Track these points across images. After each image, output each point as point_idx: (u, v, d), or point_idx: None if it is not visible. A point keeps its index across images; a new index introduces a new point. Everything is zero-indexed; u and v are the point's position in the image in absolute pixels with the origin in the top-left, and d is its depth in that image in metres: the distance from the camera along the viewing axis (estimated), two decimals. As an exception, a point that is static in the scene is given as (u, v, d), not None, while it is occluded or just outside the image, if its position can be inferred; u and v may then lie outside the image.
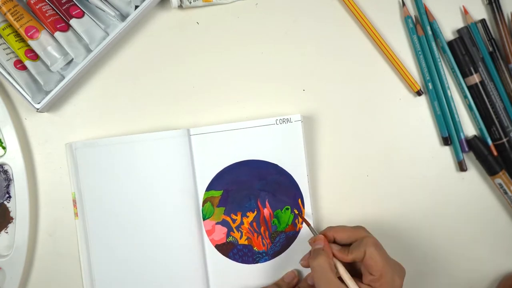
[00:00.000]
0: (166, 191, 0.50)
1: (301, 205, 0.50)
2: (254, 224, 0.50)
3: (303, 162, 0.50)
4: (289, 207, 0.50)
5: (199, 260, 0.50)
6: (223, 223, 0.50)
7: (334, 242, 0.45)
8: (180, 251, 0.50)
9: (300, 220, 0.50)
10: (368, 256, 0.41)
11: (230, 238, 0.50)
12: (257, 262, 0.50)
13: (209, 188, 0.50)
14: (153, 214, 0.50)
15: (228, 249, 0.50)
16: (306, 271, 0.50)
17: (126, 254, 0.50)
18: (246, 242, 0.50)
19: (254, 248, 0.50)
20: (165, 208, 0.50)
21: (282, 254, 0.50)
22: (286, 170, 0.50)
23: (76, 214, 0.50)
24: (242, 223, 0.50)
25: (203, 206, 0.50)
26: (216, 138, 0.50)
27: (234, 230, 0.50)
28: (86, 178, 0.50)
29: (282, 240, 0.50)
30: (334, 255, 0.43)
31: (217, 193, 0.50)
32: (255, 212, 0.50)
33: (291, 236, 0.50)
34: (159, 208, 0.50)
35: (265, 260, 0.50)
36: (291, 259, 0.50)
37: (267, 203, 0.50)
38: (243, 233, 0.50)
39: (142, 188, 0.50)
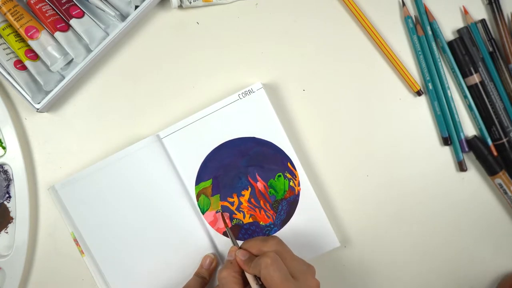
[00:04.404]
0: (158, 200, 0.50)
1: (291, 167, 0.50)
2: (252, 200, 0.50)
3: (279, 126, 0.50)
4: (280, 173, 0.50)
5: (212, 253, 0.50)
6: (223, 209, 0.50)
7: None
8: (192, 252, 0.50)
9: (297, 182, 0.50)
10: (263, 278, 0.40)
11: (235, 221, 0.50)
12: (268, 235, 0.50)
13: (198, 181, 0.50)
14: (155, 226, 0.50)
15: (236, 232, 0.50)
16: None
17: (144, 273, 0.50)
18: (251, 220, 0.50)
19: (261, 223, 0.50)
20: (163, 217, 0.50)
21: (291, 220, 0.50)
22: (265, 139, 0.50)
23: (81, 252, 0.50)
24: (240, 203, 0.50)
25: (198, 200, 0.50)
26: (188, 132, 0.50)
27: (236, 212, 0.50)
28: (79, 215, 0.50)
29: (285, 207, 0.50)
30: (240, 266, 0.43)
31: (207, 183, 0.50)
32: (249, 189, 0.50)
33: (292, 200, 0.50)
34: (158, 219, 0.50)
35: (276, 231, 0.50)
36: (300, 223, 0.50)
37: (257, 176, 0.50)
38: (245, 212, 0.50)
39: (134, 206, 0.50)
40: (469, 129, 0.52)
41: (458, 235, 0.52)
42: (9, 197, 0.53)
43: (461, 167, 0.51)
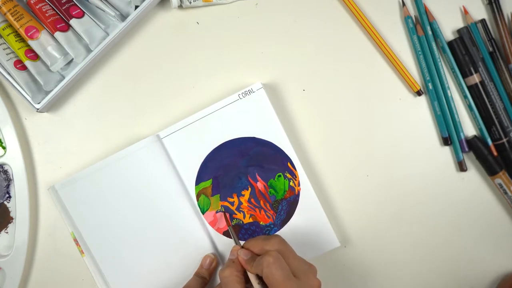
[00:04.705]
0: (158, 200, 0.50)
1: (291, 167, 0.50)
2: (252, 200, 0.50)
3: (279, 126, 0.50)
4: (280, 173, 0.50)
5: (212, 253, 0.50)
6: (223, 209, 0.50)
7: None
8: (192, 251, 0.50)
9: (297, 182, 0.50)
10: (265, 276, 0.40)
11: (235, 221, 0.50)
12: None
13: (198, 181, 0.50)
14: (155, 226, 0.50)
15: (237, 232, 0.50)
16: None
17: (144, 273, 0.50)
18: (251, 220, 0.50)
19: (261, 223, 0.50)
20: (164, 217, 0.50)
21: (291, 220, 0.50)
22: (265, 139, 0.50)
23: (81, 252, 0.50)
24: (240, 203, 0.50)
25: (198, 200, 0.50)
26: (188, 132, 0.50)
27: (236, 212, 0.50)
28: (79, 215, 0.50)
29: (285, 207, 0.50)
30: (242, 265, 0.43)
31: (207, 183, 0.50)
32: (249, 189, 0.50)
33: (292, 201, 0.50)
34: (159, 218, 0.50)
35: (276, 231, 0.50)
36: (300, 223, 0.50)
37: (257, 176, 0.50)
38: (245, 212, 0.50)
39: (135, 205, 0.50)
40: (469, 129, 0.52)
41: (458, 235, 0.52)
42: (9, 197, 0.53)
43: (461, 167, 0.51)
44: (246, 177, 0.50)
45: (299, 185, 0.50)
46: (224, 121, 0.50)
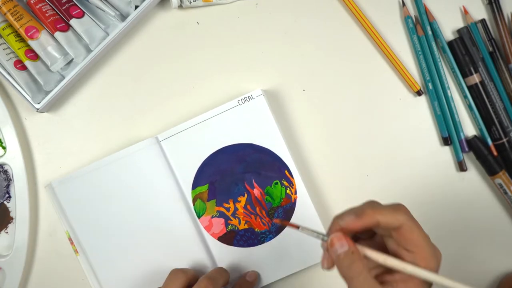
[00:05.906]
0: (154, 202, 0.50)
1: (289, 175, 0.50)
2: (248, 206, 0.50)
3: (278, 134, 0.49)
4: (277, 181, 0.50)
5: (206, 257, 0.50)
6: (219, 214, 0.50)
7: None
8: (186, 254, 0.50)
9: (293, 190, 0.50)
10: (404, 229, 0.35)
11: (230, 227, 0.50)
12: (263, 242, 0.50)
13: (195, 185, 0.50)
14: (150, 228, 0.50)
15: (231, 238, 0.50)
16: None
17: (137, 275, 0.50)
18: (246, 226, 0.50)
19: (256, 230, 0.50)
20: (159, 219, 0.50)
21: (286, 227, 0.50)
22: (263, 146, 0.50)
23: (76, 251, 0.50)
24: (236, 209, 0.50)
25: (194, 204, 0.50)
26: (186, 136, 0.50)
27: (231, 218, 0.50)
28: (75, 214, 0.50)
29: (281, 214, 0.50)
30: (343, 229, 0.35)
31: (203, 188, 0.50)
32: (246, 195, 0.50)
33: (288, 208, 0.50)
34: (154, 220, 0.50)
35: (271, 238, 0.50)
36: (296, 231, 0.49)
37: (254, 183, 0.50)
38: (241, 219, 0.50)
39: (131, 206, 0.50)
40: (469, 129, 0.52)
41: (458, 235, 0.52)
42: (9, 197, 0.53)
43: (461, 167, 0.51)
44: (242, 184, 0.50)
45: (295, 193, 0.50)
46: (223, 127, 0.50)
